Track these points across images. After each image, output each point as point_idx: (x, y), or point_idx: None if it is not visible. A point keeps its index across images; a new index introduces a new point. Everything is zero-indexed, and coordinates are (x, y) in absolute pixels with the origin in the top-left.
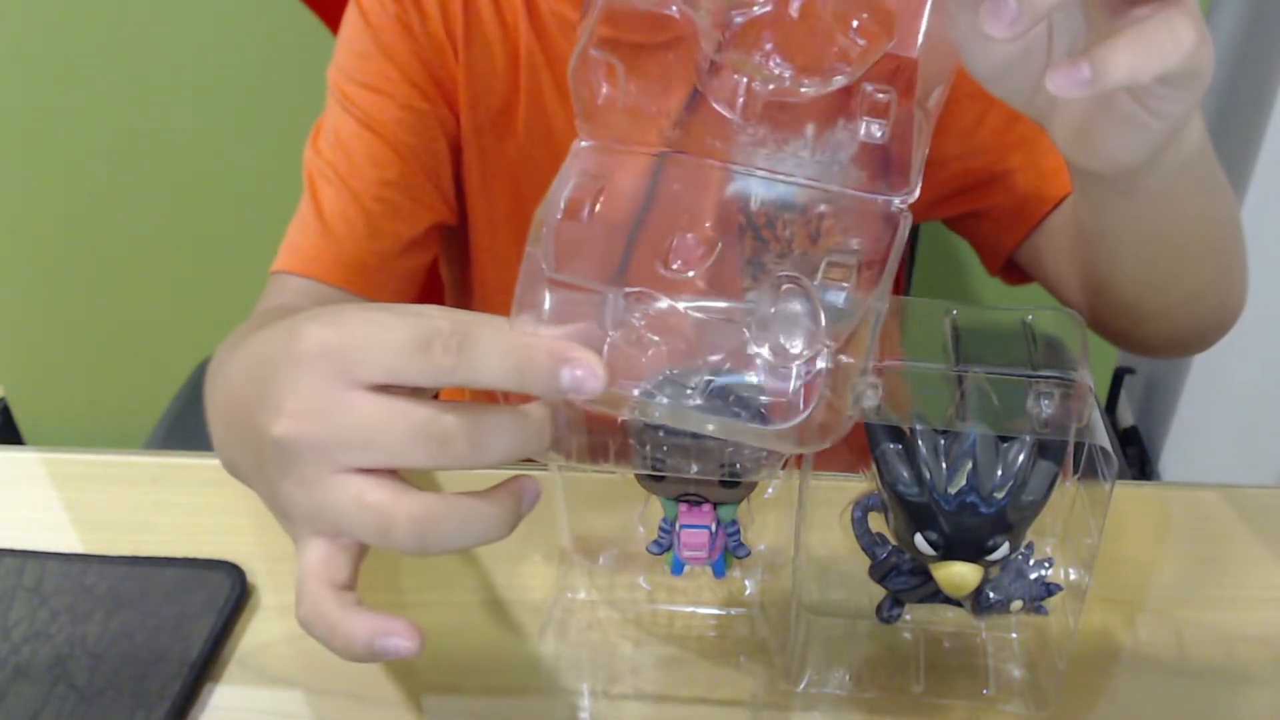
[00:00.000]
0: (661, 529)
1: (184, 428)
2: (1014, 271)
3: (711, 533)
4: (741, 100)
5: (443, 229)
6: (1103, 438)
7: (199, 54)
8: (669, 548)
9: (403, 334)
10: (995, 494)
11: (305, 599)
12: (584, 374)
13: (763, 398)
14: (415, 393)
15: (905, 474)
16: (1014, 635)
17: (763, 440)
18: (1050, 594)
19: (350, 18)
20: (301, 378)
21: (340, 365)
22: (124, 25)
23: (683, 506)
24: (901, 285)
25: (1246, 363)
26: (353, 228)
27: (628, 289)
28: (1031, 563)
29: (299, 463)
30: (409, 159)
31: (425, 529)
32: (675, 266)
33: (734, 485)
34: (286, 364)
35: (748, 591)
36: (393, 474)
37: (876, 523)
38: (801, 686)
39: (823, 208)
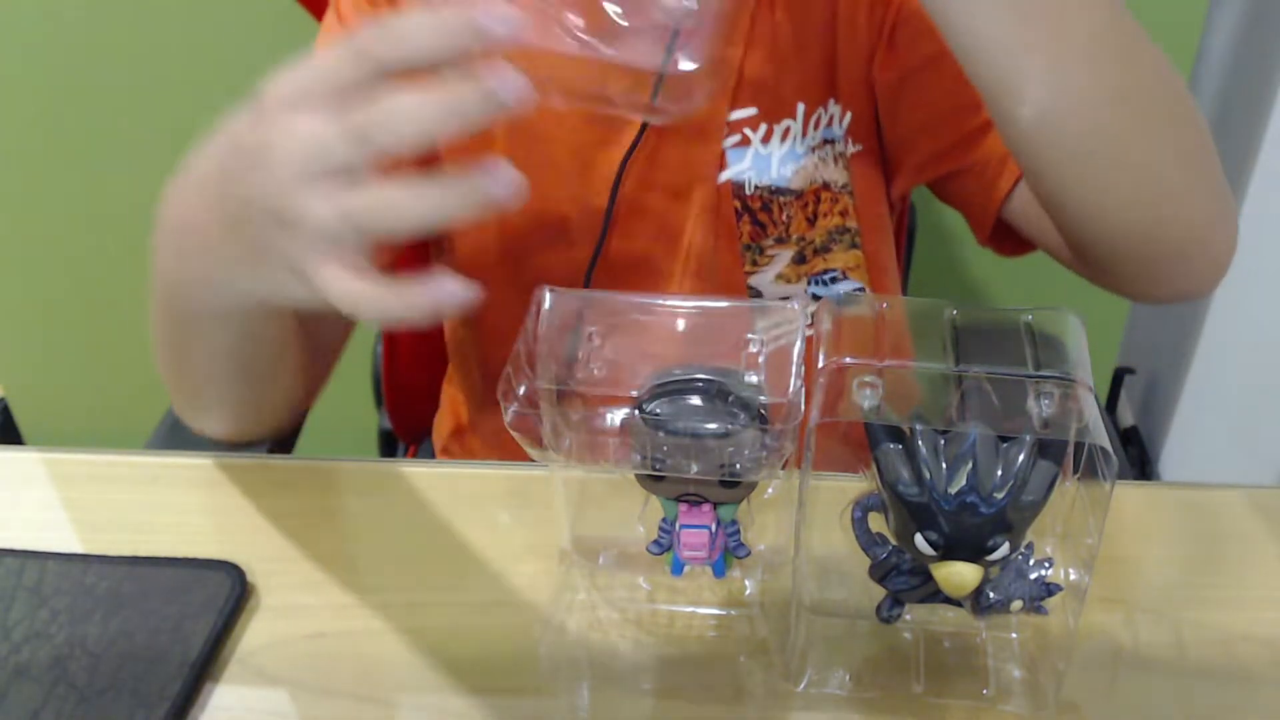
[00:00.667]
0: (661, 529)
1: (185, 427)
2: (1006, 240)
3: (711, 533)
4: None
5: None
6: (1103, 438)
7: (200, 55)
8: (669, 548)
9: (323, 58)
10: (995, 494)
11: (369, 305)
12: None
13: (761, 398)
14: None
15: (905, 474)
16: (1014, 635)
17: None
18: (1050, 594)
19: (328, 21)
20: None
21: (274, 105)
22: (124, 25)
23: (683, 506)
24: (900, 284)
25: (1246, 363)
26: None
27: None
28: (1031, 563)
29: (284, 198)
30: None
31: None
32: None
33: (734, 485)
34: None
35: (748, 591)
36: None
37: (876, 523)
38: (801, 686)
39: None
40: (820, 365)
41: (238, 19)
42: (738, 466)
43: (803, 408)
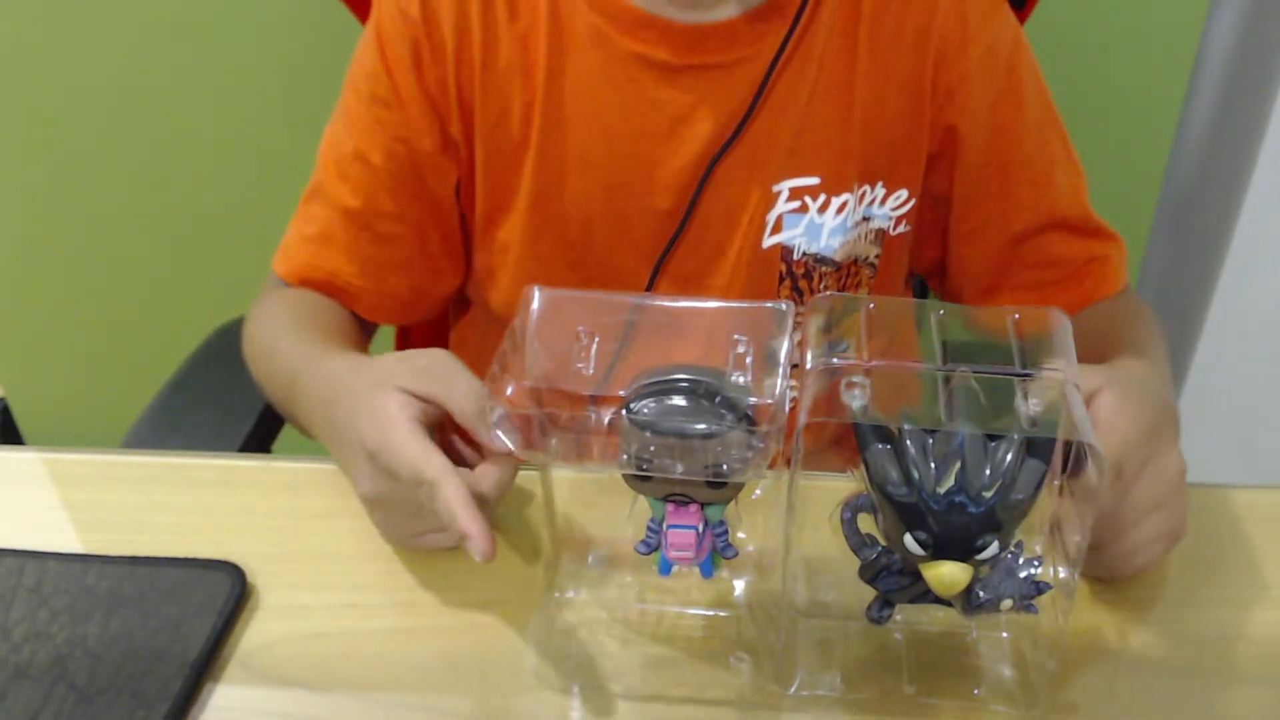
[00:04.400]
0: (649, 529)
1: (164, 422)
2: None
3: (699, 533)
4: None
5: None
6: (1090, 434)
7: (200, 57)
8: (656, 547)
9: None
10: (984, 493)
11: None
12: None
13: (750, 399)
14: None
15: (894, 474)
16: (1004, 634)
17: None
18: (1040, 592)
19: (368, 36)
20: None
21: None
22: (124, 26)
23: (670, 506)
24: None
25: (1246, 363)
26: (378, 242)
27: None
28: (1021, 561)
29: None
30: (397, 185)
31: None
32: None
33: (721, 485)
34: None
35: (736, 592)
36: None
37: (866, 524)
38: (793, 689)
39: None
40: (809, 366)
41: (238, 21)
42: (724, 467)
43: (788, 408)
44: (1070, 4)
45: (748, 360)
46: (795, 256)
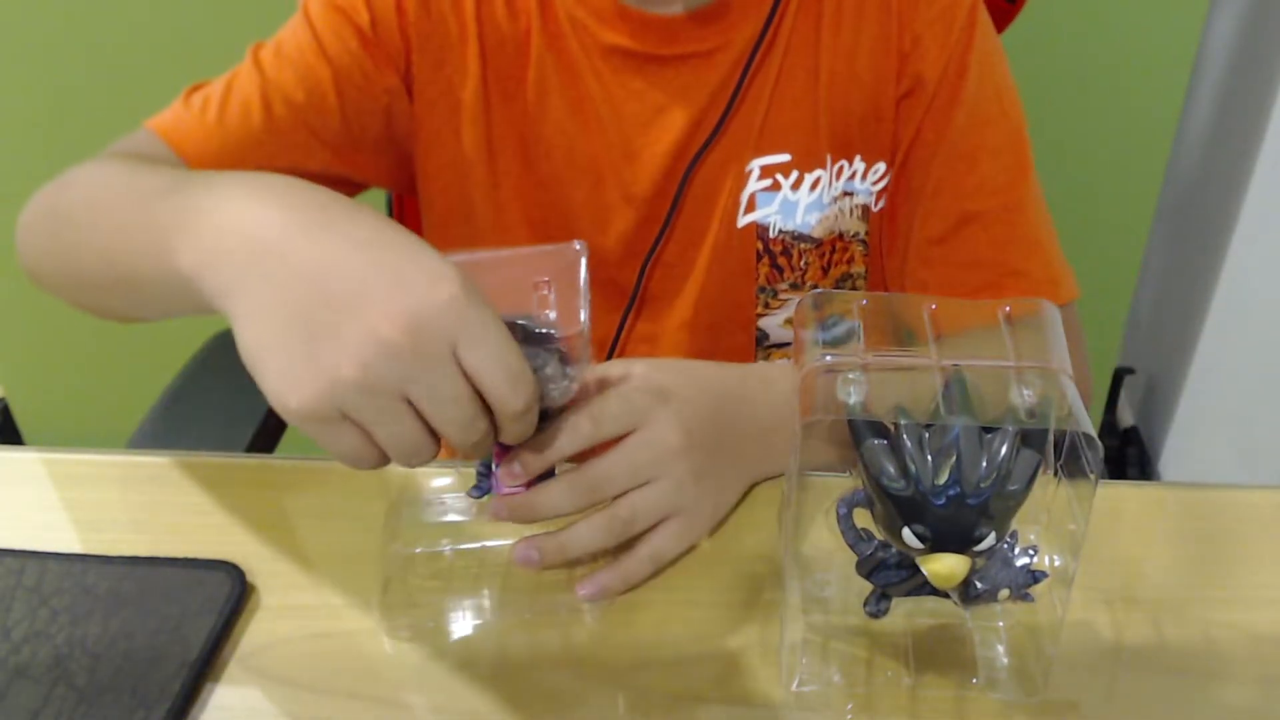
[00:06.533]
0: (479, 473)
1: (174, 419)
2: None
3: None
4: None
5: (340, 182)
6: (1086, 424)
7: (201, 57)
8: (489, 490)
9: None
10: (981, 485)
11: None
12: None
13: (559, 332)
14: None
15: (891, 469)
16: (1000, 624)
17: None
18: (1036, 581)
19: None
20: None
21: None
22: (124, 26)
23: (497, 448)
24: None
25: (1246, 363)
26: (247, 128)
27: None
28: (1016, 551)
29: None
30: (337, 93)
31: None
32: None
33: (544, 417)
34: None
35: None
36: None
37: (862, 519)
38: (794, 686)
39: None
40: (804, 365)
41: (241, 22)
42: (545, 399)
43: (588, 336)
44: (1069, 4)
45: (551, 298)
46: (771, 234)
